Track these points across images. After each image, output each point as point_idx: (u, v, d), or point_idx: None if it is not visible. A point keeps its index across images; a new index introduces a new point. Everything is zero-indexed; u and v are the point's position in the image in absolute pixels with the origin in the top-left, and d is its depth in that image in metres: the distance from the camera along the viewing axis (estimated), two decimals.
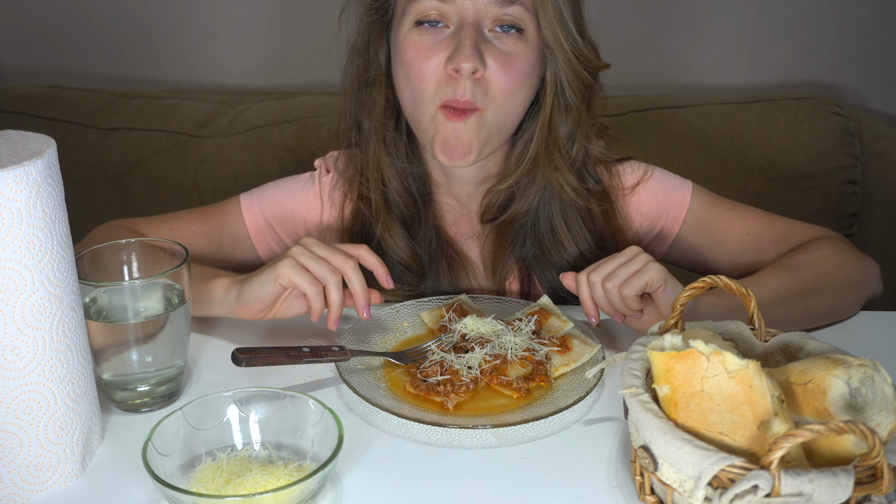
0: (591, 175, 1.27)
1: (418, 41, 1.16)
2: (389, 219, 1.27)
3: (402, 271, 1.28)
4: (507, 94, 1.16)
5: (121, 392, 1.03)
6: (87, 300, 0.99)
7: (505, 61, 1.15)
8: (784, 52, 2.13)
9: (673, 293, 1.05)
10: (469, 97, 1.14)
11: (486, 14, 1.14)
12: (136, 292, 1.02)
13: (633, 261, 1.06)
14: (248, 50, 2.21)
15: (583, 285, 1.08)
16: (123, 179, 1.95)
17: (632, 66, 2.08)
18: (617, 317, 1.10)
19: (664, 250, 1.34)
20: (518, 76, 1.16)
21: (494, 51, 1.15)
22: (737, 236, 1.29)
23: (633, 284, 1.04)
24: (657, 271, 1.05)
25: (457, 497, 0.89)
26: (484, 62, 1.14)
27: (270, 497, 0.81)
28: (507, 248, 1.28)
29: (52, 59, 2.26)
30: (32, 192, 0.82)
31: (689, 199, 1.30)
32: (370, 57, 1.25)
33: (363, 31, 1.25)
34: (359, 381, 1.04)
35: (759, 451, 0.77)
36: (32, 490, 0.89)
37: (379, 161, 1.27)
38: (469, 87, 1.14)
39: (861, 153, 1.90)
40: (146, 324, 1.01)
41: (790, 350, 0.94)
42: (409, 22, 1.17)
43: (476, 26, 1.14)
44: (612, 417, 1.01)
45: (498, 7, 1.14)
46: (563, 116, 1.22)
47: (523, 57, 1.16)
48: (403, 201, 1.28)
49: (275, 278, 1.06)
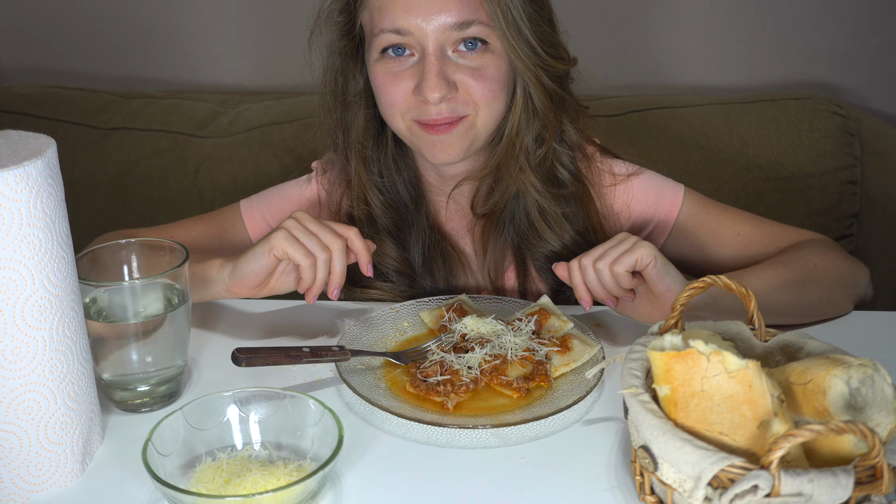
0: (567, 167, 1.28)
1: (386, 69, 1.19)
2: (375, 233, 1.29)
3: (393, 276, 1.29)
4: (488, 100, 1.18)
5: (121, 392, 1.03)
6: (87, 300, 0.99)
7: (476, 74, 1.17)
8: (784, 52, 2.13)
9: (663, 270, 1.07)
10: (447, 113, 1.17)
11: (445, 40, 1.16)
12: (136, 292, 1.02)
13: (623, 242, 1.09)
14: (248, 50, 2.21)
15: (574, 270, 1.11)
16: (123, 179, 1.95)
17: (632, 67, 2.08)
18: (610, 301, 1.11)
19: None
20: (494, 83, 1.18)
21: (463, 68, 1.17)
22: (727, 237, 1.30)
23: (624, 261, 1.07)
24: (646, 248, 1.07)
25: (457, 497, 0.89)
26: (453, 85, 1.16)
27: (270, 497, 0.81)
28: (494, 236, 1.29)
29: (52, 59, 2.26)
30: (32, 192, 0.82)
31: (680, 201, 1.31)
32: (347, 78, 1.27)
33: (334, 54, 1.26)
34: (359, 381, 1.04)
35: (759, 451, 0.77)
36: (32, 490, 0.89)
37: (360, 178, 1.29)
38: (445, 106, 1.16)
39: (861, 153, 1.90)
40: (146, 324, 1.01)
41: (790, 350, 0.94)
42: (375, 51, 1.19)
43: (438, 54, 1.16)
44: (612, 417, 1.01)
45: (456, 31, 1.15)
46: (531, 121, 1.23)
47: (493, 66, 1.18)
48: (387, 214, 1.30)
49: (269, 250, 1.07)
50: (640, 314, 1.13)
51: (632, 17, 2.07)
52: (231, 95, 2.10)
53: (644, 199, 1.31)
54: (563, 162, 1.27)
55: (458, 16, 1.14)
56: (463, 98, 1.17)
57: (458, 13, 1.14)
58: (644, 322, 1.14)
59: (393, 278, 1.29)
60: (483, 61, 1.17)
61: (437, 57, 1.15)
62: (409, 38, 1.16)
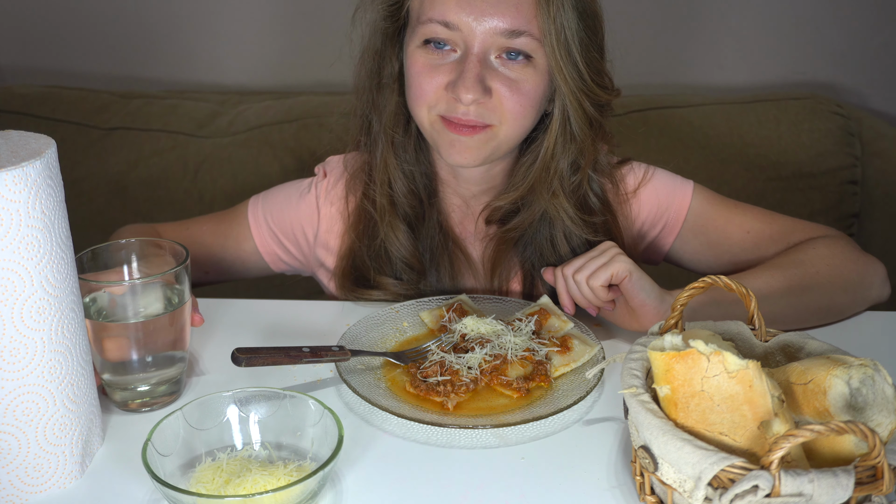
0: (595, 192, 1.27)
1: (425, 59, 1.17)
2: (394, 218, 1.28)
3: (403, 268, 1.28)
4: (516, 115, 1.16)
5: (121, 392, 1.03)
6: (87, 300, 0.99)
7: (513, 86, 1.15)
8: (784, 52, 2.13)
9: (638, 284, 1.10)
10: (474, 117, 1.15)
11: (491, 44, 1.14)
12: (136, 292, 1.02)
13: (603, 255, 1.13)
14: (248, 50, 2.21)
15: (559, 279, 1.17)
16: (123, 179, 1.95)
17: (632, 66, 2.06)
18: (591, 309, 1.16)
19: (666, 250, 1.33)
20: (527, 100, 1.16)
21: (502, 77, 1.15)
22: (737, 234, 1.29)
23: (599, 275, 1.12)
24: (622, 263, 1.11)
25: (457, 497, 0.89)
26: (488, 90, 1.14)
27: (270, 497, 0.81)
28: (509, 254, 1.28)
29: (52, 59, 2.26)
30: (31, 193, 0.82)
31: (689, 198, 1.30)
32: (384, 61, 1.25)
33: (377, 34, 1.24)
34: (359, 381, 1.04)
35: (760, 451, 0.77)
36: (31, 491, 0.89)
37: (386, 162, 1.27)
38: (473, 109, 1.15)
39: (861, 153, 1.90)
40: (146, 323, 1.01)
41: (790, 350, 0.94)
42: (418, 39, 1.17)
43: (481, 56, 1.14)
44: (612, 417, 1.01)
45: (504, 38, 1.13)
46: (567, 146, 1.21)
47: (531, 82, 1.16)
48: (408, 202, 1.28)
49: None
50: (621, 322, 1.16)
51: (631, 18, 2.07)
52: (231, 95, 2.10)
53: (655, 200, 1.31)
54: (594, 189, 1.26)
55: (511, 23, 1.12)
56: (493, 106, 1.15)
57: (512, 21, 1.12)
58: (628, 329, 1.15)
59: (402, 274, 1.29)
60: (523, 74, 1.15)
61: (479, 59, 1.14)
62: (456, 35, 1.14)
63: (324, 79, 2.16)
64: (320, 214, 1.33)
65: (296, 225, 1.34)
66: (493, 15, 1.12)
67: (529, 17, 1.13)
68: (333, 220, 1.33)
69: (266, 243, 1.36)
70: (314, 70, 2.18)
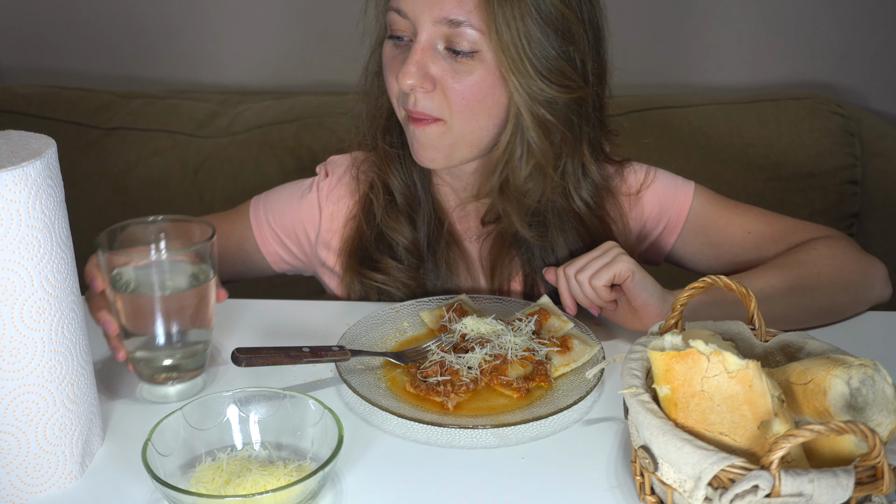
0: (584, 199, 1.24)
1: (389, 52, 1.19)
2: (395, 211, 1.28)
3: (405, 254, 1.29)
4: (462, 108, 1.14)
5: (147, 366, 1.03)
6: (113, 274, 1.00)
7: (456, 77, 1.13)
8: (784, 52, 2.13)
9: (640, 284, 1.10)
10: (421, 108, 1.15)
11: (436, 34, 1.13)
12: (162, 267, 1.02)
13: (605, 255, 1.13)
14: (248, 50, 2.21)
15: (560, 279, 1.16)
16: (123, 179, 1.95)
17: (632, 66, 2.06)
18: (593, 309, 1.16)
19: (667, 250, 1.33)
20: (471, 93, 1.13)
21: (445, 68, 1.14)
22: (738, 235, 1.29)
23: (602, 275, 1.11)
24: (625, 263, 1.10)
25: (457, 497, 0.89)
26: (429, 78, 1.13)
27: (270, 497, 0.81)
28: (509, 254, 1.28)
29: (52, 59, 2.26)
30: (31, 193, 0.82)
31: (690, 199, 1.30)
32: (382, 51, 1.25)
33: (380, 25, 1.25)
34: (359, 381, 1.04)
35: (760, 451, 0.77)
36: (31, 491, 0.89)
37: (387, 154, 1.28)
38: (420, 99, 1.14)
39: (861, 153, 1.90)
40: (172, 297, 1.01)
41: (790, 350, 0.94)
42: (386, 31, 1.19)
43: (427, 45, 1.13)
44: (612, 417, 1.01)
45: (447, 27, 1.12)
46: (523, 157, 1.19)
47: (477, 74, 1.13)
48: (408, 195, 1.29)
49: None
50: (623, 322, 1.16)
51: (631, 18, 2.07)
52: (231, 95, 2.10)
53: (657, 201, 1.30)
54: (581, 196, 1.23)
55: (452, 12, 1.11)
56: (439, 98, 1.14)
57: (452, 9, 1.11)
58: (629, 329, 1.15)
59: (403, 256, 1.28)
60: (467, 67, 1.13)
61: (424, 47, 1.13)
62: (407, 23, 1.14)
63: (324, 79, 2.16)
64: (322, 214, 1.33)
65: (297, 224, 1.35)
66: (437, 3, 1.12)
67: (471, 7, 1.11)
68: (335, 219, 1.33)
69: (267, 243, 1.36)
70: (314, 70, 2.18)
